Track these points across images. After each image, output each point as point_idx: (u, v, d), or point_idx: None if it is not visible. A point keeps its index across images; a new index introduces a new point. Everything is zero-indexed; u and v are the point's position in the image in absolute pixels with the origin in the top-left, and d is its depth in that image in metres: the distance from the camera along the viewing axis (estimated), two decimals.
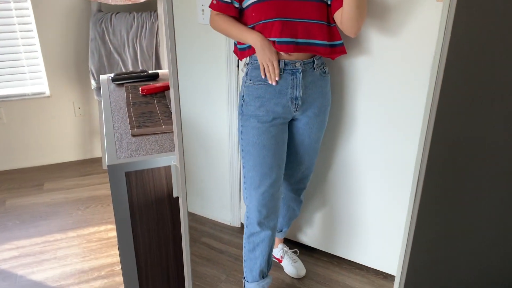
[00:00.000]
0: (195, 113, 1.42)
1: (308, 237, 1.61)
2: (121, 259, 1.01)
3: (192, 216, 1.56)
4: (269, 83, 1.15)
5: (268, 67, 1.11)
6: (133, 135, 1.08)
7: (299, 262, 1.56)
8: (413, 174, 0.97)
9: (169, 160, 1.00)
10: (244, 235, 1.33)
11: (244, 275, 1.37)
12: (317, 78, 1.19)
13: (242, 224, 1.58)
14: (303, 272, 1.53)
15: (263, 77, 1.14)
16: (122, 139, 1.06)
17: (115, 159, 0.96)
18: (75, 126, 2.92)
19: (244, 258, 1.35)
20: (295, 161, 1.33)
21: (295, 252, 1.57)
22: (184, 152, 1.43)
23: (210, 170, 1.55)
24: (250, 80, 1.18)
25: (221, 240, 1.62)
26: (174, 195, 0.82)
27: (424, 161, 0.86)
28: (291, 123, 1.26)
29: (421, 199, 0.92)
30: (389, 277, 1.56)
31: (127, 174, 0.95)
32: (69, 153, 2.98)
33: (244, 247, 1.33)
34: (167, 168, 0.99)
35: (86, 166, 2.94)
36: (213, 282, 1.49)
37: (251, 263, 1.34)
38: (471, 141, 1.34)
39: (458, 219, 1.52)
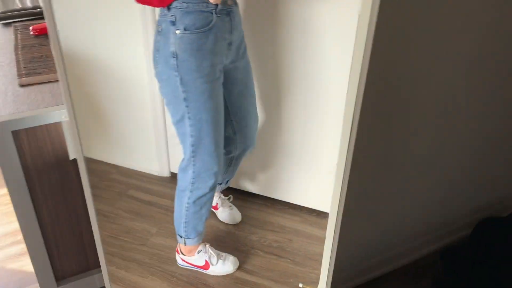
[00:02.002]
0: (109, 58, 1.25)
1: (241, 181, 1.56)
2: (23, 234, 0.87)
3: (115, 169, 1.44)
4: (209, 29, 0.97)
5: None
6: (22, 85, 0.90)
7: (234, 208, 1.51)
8: (346, 104, 0.90)
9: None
10: (185, 199, 1.22)
11: (184, 234, 1.29)
12: (238, 15, 1.06)
13: (172, 173, 1.48)
14: (238, 218, 1.49)
15: (212, 2, 0.95)
16: (7, 90, 0.88)
17: None
18: None
19: (184, 220, 1.26)
20: (246, 115, 1.22)
21: (229, 199, 1.51)
22: (98, 100, 1.28)
23: (132, 120, 1.41)
24: (185, 29, 0.97)
25: (149, 191, 1.53)
26: (70, 157, 0.69)
27: (360, 90, 0.79)
28: (227, 74, 1.11)
29: (358, 130, 0.86)
30: (322, 214, 1.56)
31: (16, 134, 0.79)
32: None
33: (187, 210, 1.24)
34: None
35: None
36: (143, 236, 1.41)
37: (196, 222, 1.27)
38: (407, 65, 1.31)
39: (393, 150, 1.53)
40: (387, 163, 1.55)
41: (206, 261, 1.32)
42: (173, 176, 1.47)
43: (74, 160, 0.88)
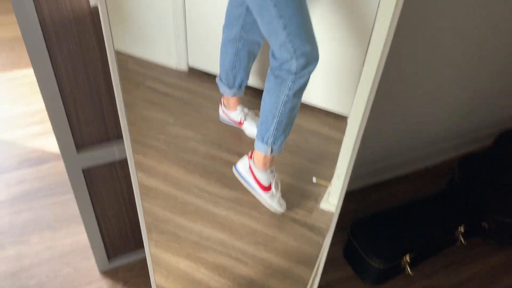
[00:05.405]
0: None
1: (258, 80, 1.52)
2: (43, 95, 0.85)
3: (132, 59, 1.39)
4: None
5: None
6: None
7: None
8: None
9: None
10: (284, 92, 1.13)
11: (272, 140, 1.21)
12: None
13: (189, 68, 1.43)
14: None
15: None
16: None
17: None
18: None
19: (278, 119, 1.18)
20: None
21: (255, 114, 1.45)
22: None
23: (150, 10, 1.33)
24: None
25: (166, 84, 1.49)
26: (91, 3, 0.64)
27: None
28: None
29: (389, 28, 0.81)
30: (340, 118, 1.54)
31: None
32: None
33: (284, 105, 1.14)
34: None
35: (4, 2, 2.55)
36: (161, 125, 1.41)
37: (288, 122, 1.19)
38: None
39: (423, 49, 1.46)
40: (416, 62, 1.49)
41: (270, 183, 1.26)
42: (191, 70, 1.43)
43: (93, 19, 0.83)
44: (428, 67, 1.52)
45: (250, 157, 1.27)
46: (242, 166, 1.28)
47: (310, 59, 1.10)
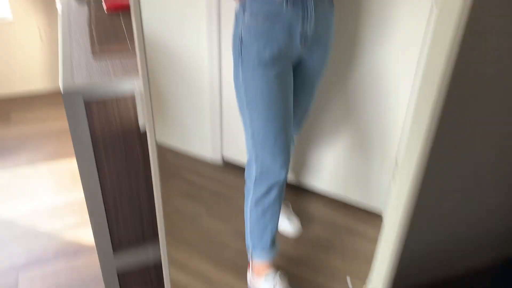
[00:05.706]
0: (170, 39, 1.26)
1: (291, 176, 1.54)
2: (87, 202, 0.90)
3: (169, 151, 1.46)
4: (276, 17, 0.92)
5: None
6: (94, 52, 0.91)
7: (294, 216, 1.41)
8: (418, 98, 0.86)
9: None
10: (248, 201, 1.15)
11: (250, 245, 1.20)
12: (326, 9, 0.99)
13: (223, 160, 1.48)
14: (300, 227, 1.40)
15: None
16: (80, 60, 0.90)
17: (72, 82, 0.81)
18: (42, 53, 2.69)
19: (249, 228, 1.17)
20: (299, 103, 1.17)
21: (286, 205, 1.44)
22: (159, 81, 1.30)
23: (188, 101, 1.42)
24: (251, 15, 0.92)
25: (201, 175, 1.54)
26: (141, 129, 0.70)
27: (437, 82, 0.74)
28: (296, 63, 1.07)
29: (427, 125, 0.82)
30: (374, 214, 1.52)
31: (88, 105, 0.81)
32: (37, 83, 2.78)
33: (250, 214, 1.15)
34: (134, 98, 0.86)
35: (56, 97, 2.76)
36: (194, 218, 1.43)
37: (260, 232, 1.16)
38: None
39: (464, 149, 1.45)
40: (457, 164, 1.47)
41: None
42: (226, 163, 1.47)
43: (139, 135, 0.90)
44: (466, 157, 1.50)
45: (249, 267, 1.25)
46: (247, 277, 1.27)
47: (269, 171, 1.10)
